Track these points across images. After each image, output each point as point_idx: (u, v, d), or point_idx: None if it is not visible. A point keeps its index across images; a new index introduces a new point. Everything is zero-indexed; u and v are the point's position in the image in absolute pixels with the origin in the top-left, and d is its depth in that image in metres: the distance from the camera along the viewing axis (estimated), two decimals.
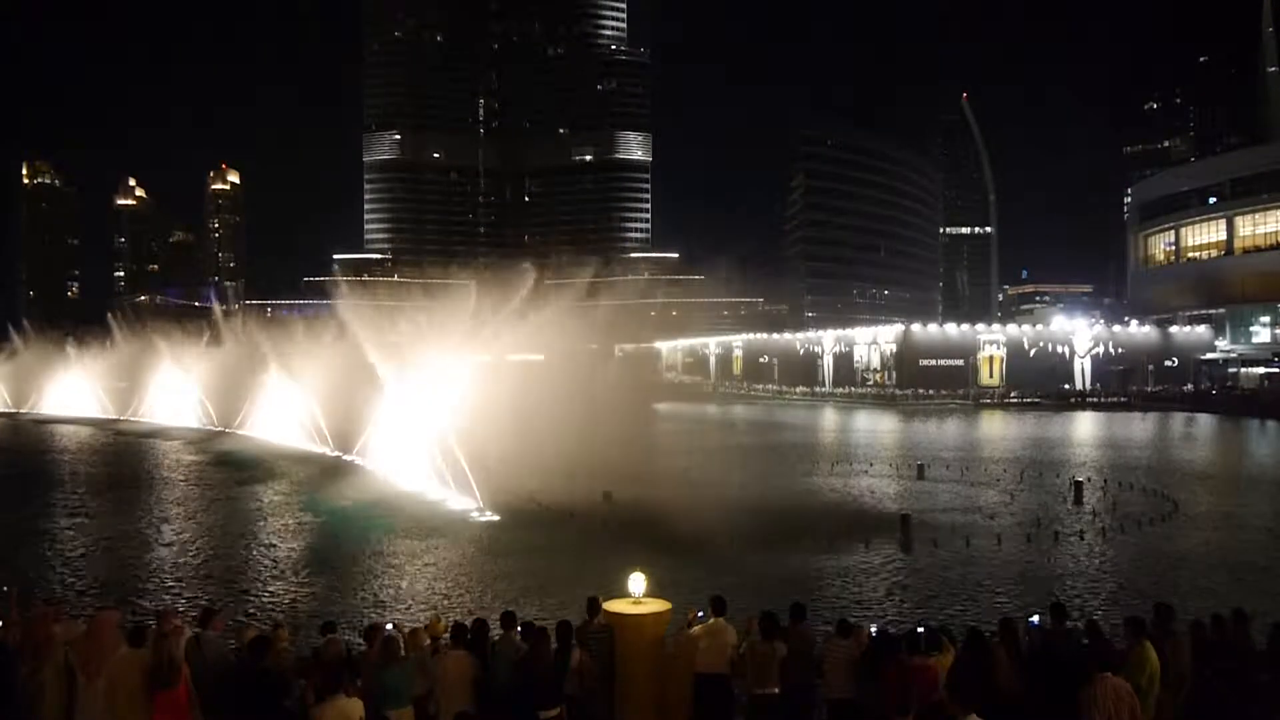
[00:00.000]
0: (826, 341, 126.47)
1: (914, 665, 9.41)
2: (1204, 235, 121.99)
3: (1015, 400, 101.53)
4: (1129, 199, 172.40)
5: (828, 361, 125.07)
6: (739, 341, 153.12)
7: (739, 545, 25.46)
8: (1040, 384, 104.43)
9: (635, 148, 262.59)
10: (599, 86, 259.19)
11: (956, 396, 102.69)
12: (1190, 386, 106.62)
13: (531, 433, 34.97)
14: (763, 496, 34.81)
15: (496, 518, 30.97)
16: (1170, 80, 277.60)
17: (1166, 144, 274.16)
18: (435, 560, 25.24)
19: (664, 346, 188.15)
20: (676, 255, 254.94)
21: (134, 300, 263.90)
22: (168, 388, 75.24)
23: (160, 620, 10.23)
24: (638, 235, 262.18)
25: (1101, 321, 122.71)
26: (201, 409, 69.65)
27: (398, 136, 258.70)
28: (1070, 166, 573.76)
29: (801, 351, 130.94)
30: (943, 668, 9.70)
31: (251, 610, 20.15)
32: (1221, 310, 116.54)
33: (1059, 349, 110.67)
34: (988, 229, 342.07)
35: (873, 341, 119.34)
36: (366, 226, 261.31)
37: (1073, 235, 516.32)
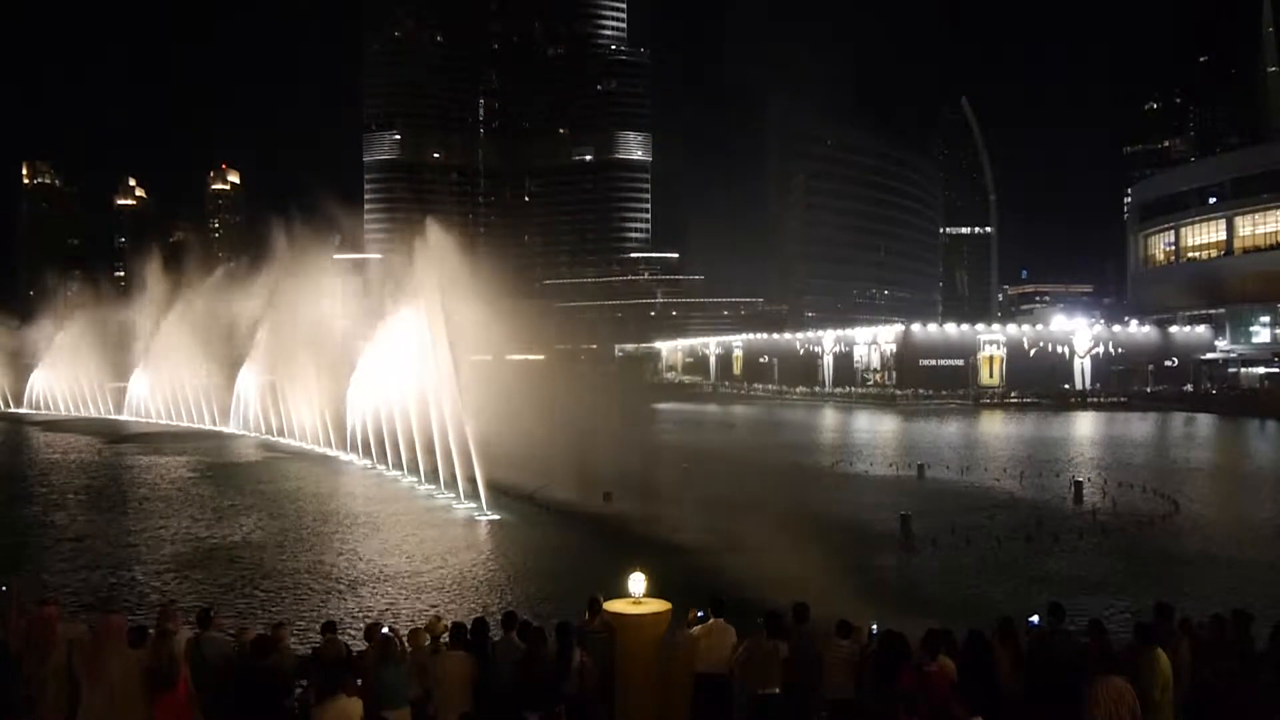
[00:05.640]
0: (826, 341, 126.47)
1: (932, 670, 9.38)
2: (1204, 235, 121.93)
3: (1015, 400, 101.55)
4: (1129, 199, 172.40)
5: (828, 361, 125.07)
6: (739, 341, 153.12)
7: (737, 546, 25.43)
8: (1040, 384, 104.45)
9: (635, 148, 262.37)
10: (599, 86, 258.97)
11: (956, 396, 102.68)
12: (1190, 386, 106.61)
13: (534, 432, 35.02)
14: (764, 497, 34.77)
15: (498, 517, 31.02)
16: (1170, 80, 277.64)
17: (1166, 144, 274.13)
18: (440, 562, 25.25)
19: (664, 346, 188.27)
20: (676, 255, 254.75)
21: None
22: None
23: (160, 620, 10.21)
24: (638, 235, 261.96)
25: (1101, 321, 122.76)
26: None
27: (398, 136, 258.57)
28: (1070, 166, 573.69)
29: (801, 351, 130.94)
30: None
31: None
32: (1221, 310, 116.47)
33: (1059, 349, 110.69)
34: (988, 229, 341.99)
35: (873, 341, 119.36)
36: (366, 226, 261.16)
37: (1073, 235, 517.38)
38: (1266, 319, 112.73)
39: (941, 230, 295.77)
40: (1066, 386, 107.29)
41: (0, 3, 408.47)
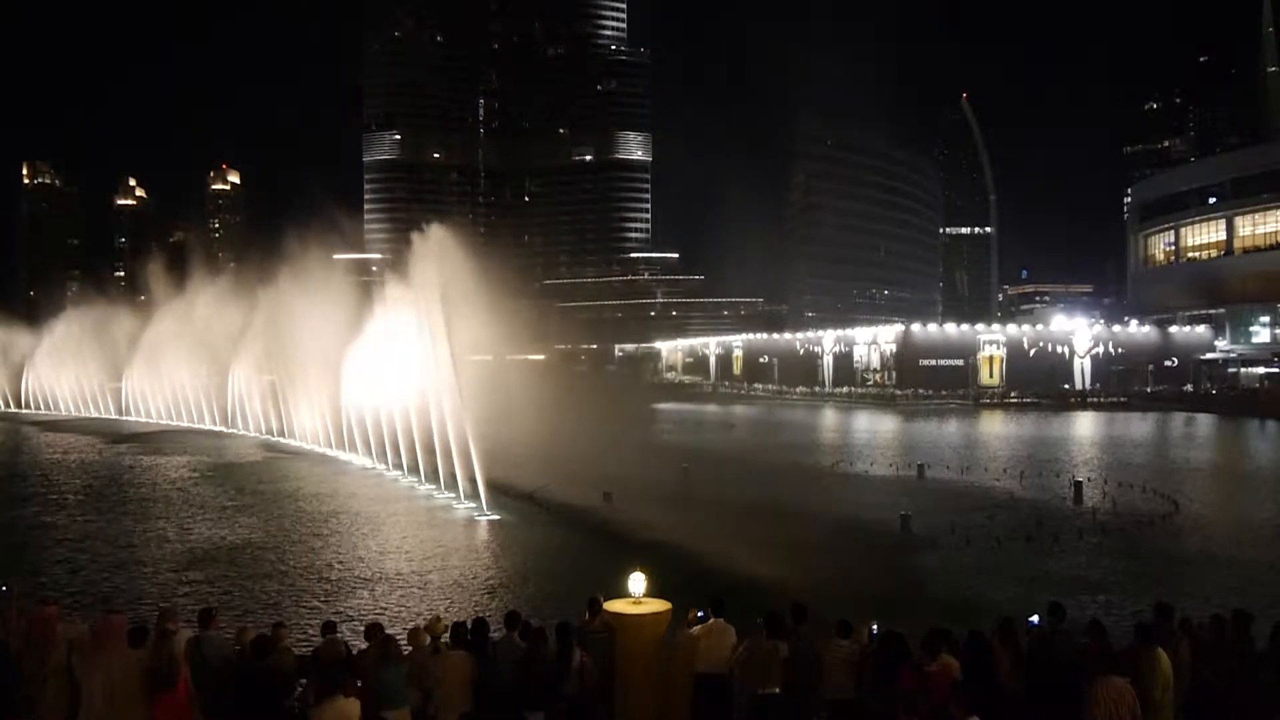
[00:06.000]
0: (826, 341, 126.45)
1: (932, 670, 9.38)
2: (1204, 235, 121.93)
3: (1015, 400, 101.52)
4: (1129, 199, 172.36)
5: (828, 361, 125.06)
6: (739, 341, 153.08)
7: (737, 546, 25.43)
8: (1040, 384, 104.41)
9: (635, 148, 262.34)
10: (599, 86, 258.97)
11: (956, 396, 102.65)
12: (1190, 386, 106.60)
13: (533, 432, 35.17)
14: (764, 498, 34.78)
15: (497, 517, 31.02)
16: (1170, 80, 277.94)
17: (1166, 144, 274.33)
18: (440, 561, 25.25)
19: (664, 346, 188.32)
20: (676, 255, 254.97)
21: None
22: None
23: (160, 621, 10.20)
24: (638, 235, 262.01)
25: (1101, 321, 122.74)
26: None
27: (398, 136, 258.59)
28: (1070, 166, 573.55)
29: (801, 351, 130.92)
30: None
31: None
32: (1221, 310, 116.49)
33: (1059, 349, 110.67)
34: (988, 229, 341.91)
35: (873, 341, 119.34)
36: (366, 226, 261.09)
37: (1073, 235, 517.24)
38: (1266, 319, 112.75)
39: (941, 230, 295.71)
40: (1066, 386, 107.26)
41: (0, 3, 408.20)
